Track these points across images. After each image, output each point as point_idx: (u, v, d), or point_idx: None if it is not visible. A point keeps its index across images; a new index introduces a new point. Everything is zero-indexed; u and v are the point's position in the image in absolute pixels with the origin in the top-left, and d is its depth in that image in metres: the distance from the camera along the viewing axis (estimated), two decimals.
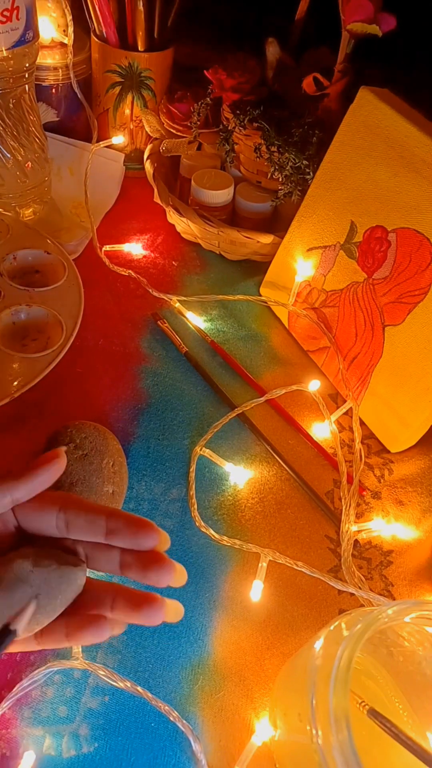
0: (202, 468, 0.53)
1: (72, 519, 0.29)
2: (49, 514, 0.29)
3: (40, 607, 0.28)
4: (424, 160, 0.50)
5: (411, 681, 0.37)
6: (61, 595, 0.28)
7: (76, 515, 0.29)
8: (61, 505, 0.29)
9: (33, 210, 0.67)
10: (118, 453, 0.48)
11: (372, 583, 0.48)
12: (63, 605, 0.28)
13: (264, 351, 0.63)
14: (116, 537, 0.28)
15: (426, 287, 0.51)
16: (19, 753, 0.37)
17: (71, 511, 0.29)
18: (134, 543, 0.28)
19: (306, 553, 0.49)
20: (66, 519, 0.29)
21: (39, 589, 0.27)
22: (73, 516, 0.29)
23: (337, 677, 0.29)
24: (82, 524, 0.28)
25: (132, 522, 0.28)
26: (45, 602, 0.28)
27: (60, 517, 0.29)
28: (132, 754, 0.38)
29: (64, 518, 0.29)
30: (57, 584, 0.28)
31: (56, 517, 0.29)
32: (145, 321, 0.63)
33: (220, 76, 0.66)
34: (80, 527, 0.29)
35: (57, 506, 0.29)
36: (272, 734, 0.38)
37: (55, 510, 0.29)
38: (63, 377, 0.56)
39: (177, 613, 0.29)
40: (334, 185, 0.58)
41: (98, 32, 0.70)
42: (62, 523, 0.29)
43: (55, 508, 0.29)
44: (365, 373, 0.57)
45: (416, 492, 0.54)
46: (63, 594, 0.28)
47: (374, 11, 0.57)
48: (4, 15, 0.52)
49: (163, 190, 0.69)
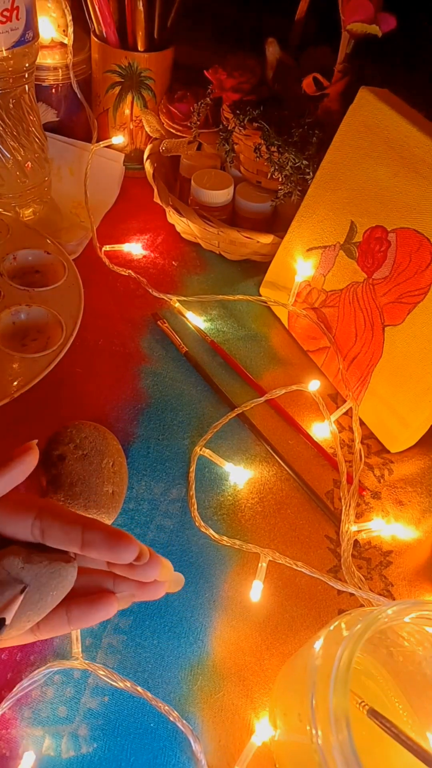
0: (202, 468, 0.53)
1: (47, 528, 0.28)
2: (25, 521, 0.28)
3: (31, 603, 0.28)
4: (424, 160, 0.50)
5: (411, 681, 0.37)
6: (52, 591, 0.28)
7: (51, 524, 0.28)
8: (37, 512, 0.28)
9: (33, 210, 0.67)
10: (118, 453, 0.48)
11: (372, 583, 0.48)
12: (54, 602, 0.29)
13: (264, 351, 0.63)
14: (92, 549, 0.28)
15: (426, 287, 0.51)
16: (18, 753, 0.37)
17: (47, 519, 0.28)
18: (112, 556, 0.28)
19: (306, 553, 0.49)
20: (41, 527, 0.28)
21: (30, 585, 0.27)
22: (48, 525, 0.28)
23: (337, 677, 0.29)
24: (57, 534, 0.28)
25: (110, 535, 0.28)
26: (36, 598, 0.28)
27: (35, 524, 0.28)
28: (132, 755, 0.38)
29: (39, 526, 0.28)
30: (48, 581, 0.28)
31: (32, 524, 0.28)
32: (145, 321, 0.63)
33: (220, 76, 0.66)
34: (56, 537, 0.28)
35: (33, 513, 0.28)
36: (272, 734, 0.38)
37: (31, 517, 0.28)
38: (63, 377, 0.56)
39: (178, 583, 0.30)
40: (334, 185, 0.58)
41: (98, 32, 0.70)
42: (37, 531, 0.28)
43: (31, 514, 0.28)
44: (365, 373, 0.57)
45: (416, 492, 0.54)
46: (54, 590, 0.28)
47: (374, 11, 0.57)
48: (4, 15, 0.52)
49: (163, 190, 0.69)
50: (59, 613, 0.29)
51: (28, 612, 0.28)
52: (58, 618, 0.29)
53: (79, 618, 0.29)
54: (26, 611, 0.28)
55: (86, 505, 0.44)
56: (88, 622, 0.30)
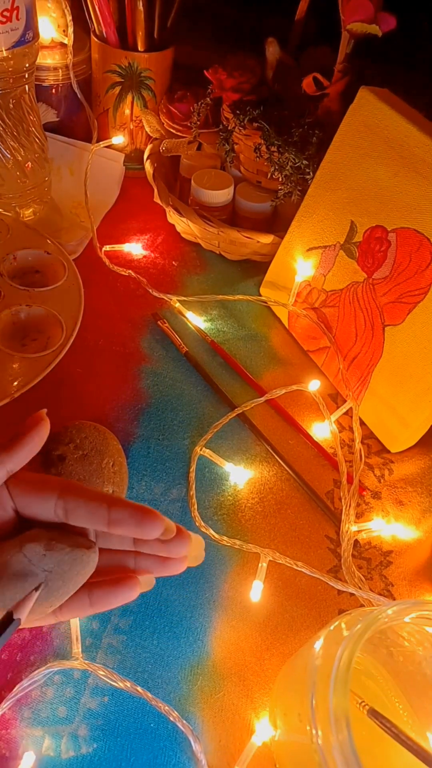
0: (202, 468, 0.53)
1: (72, 507, 0.28)
2: (48, 501, 0.28)
3: (53, 590, 0.27)
4: (424, 160, 0.50)
5: (411, 681, 0.37)
6: (74, 577, 0.28)
7: (75, 503, 0.28)
8: (60, 492, 0.28)
9: (33, 210, 0.67)
10: (118, 453, 0.48)
11: (372, 583, 0.48)
12: (75, 587, 0.28)
13: (264, 351, 0.63)
14: (120, 527, 0.27)
15: (426, 287, 0.51)
16: (18, 753, 0.37)
17: (71, 498, 0.28)
18: (139, 532, 0.28)
19: (306, 553, 0.49)
20: (65, 506, 0.28)
21: (52, 573, 0.27)
22: (72, 504, 0.28)
23: (337, 677, 0.29)
24: (83, 513, 0.28)
25: (136, 511, 0.27)
26: (58, 585, 0.28)
27: (59, 503, 0.28)
28: (132, 755, 0.38)
29: (63, 505, 0.28)
30: (70, 568, 0.28)
31: (55, 504, 0.28)
32: (145, 321, 0.63)
33: (220, 76, 0.66)
34: (81, 516, 0.28)
35: (56, 492, 0.28)
36: (272, 734, 0.38)
37: (54, 496, 0.28)
38: (63, 377, 0.56)
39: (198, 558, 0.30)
40: (334, 185, 0.58)
41: (98, 32, 0.70)
42: (61, 511, 0.28)
43: (54, 494, 0.28)
44: (365, 373, 0.57)
45: (416, 492, 0.54)
46: (76, 576, 0.28)
47: (374, 11, 0.57)
48: (4, 15, 0.52)
49: (163, 190, 0.69)
50: (81, 596, 0.29)
51: (51, 598, 0.28)
52: (79, 601, 0.29)
53: (102, 601, 0.29)
54: (49, 597, 0.28)
55: None
56: (111, 605, 0.29)
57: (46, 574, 0.27)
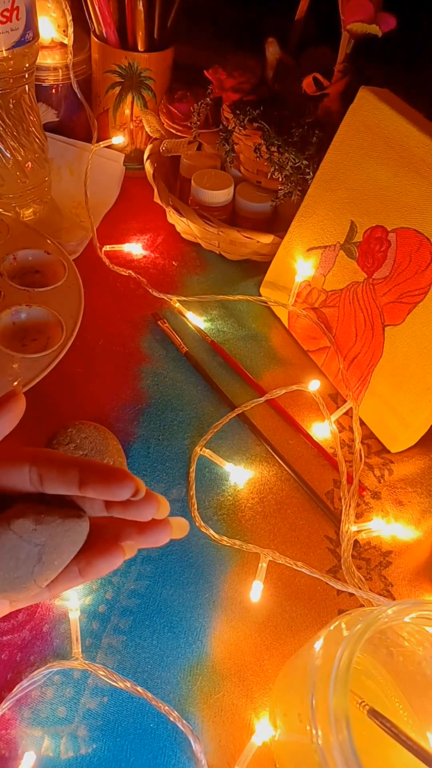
0: (202, 468, 0.53)
1: (44, 472, 0.27)
2: (21, 469, 0.28)
3: (47, 563, 0.27)
4: (424, 160, 0.50)
5: (411, 681, 0.37)
6: (68, 548, 0.28)
7: (48, 468, 0.27)
8: (32, 460, 0.28)
9: (33, 210, 0.67)
10: (118, 453, 0.48)
11: (371, 584, 0.48)
12: (70, 557, 0.28)
13: (264, 351, 0.63)
14: (90, 488, 0.27)
15: (426, 287, 0.51)
16: (18, 754, 0.37)
17: (43, 464, 0.27)
18: (109, 493, 0.27)
19: (306, 553, 0.49)
20: (39, 472, 0.27)
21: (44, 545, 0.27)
22: (45, 469, 0.27)
23: (337, 677, 0.29)
24: (54, 477, 0.27)
25: (105, 472, 0.27)
26: (53, 557, 0.27)
27: (33, 470, 0.27)
28: (132, 755, 0.38)
29: (36, 471, 0.27)
30: (62, 538, 0.27)
31: (29, 471, 0.27)
32: (145, 321, 0.63)
33: (220, 76, 0.66)
34: (54, 480, 0.27)
35: (28, 461, 0.28)
36: (272, 734, 0.38)
37: (27, 464, 0.28)
38: (63, 377, 0.56)
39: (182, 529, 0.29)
40: (334, 185, 0.58)
41: (98, 32, 0.70)
42: (35, 477, 0.27)
43: (26, 462, 0.28)
44: (365, 373, 0.57)
45: (416, 492, 0.54)
46: (70, 547, 0.28)
47: (374, 11, 0.57)
48: (4, 15, 0.52)
49: (163, 190, 0.69)
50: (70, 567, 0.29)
51: (47, 572, 0.27)
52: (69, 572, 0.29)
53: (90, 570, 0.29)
54: (44, 571, 0.27)
55: None
56: (99, 574, 0.29)
57: (40, 548, 0.27)
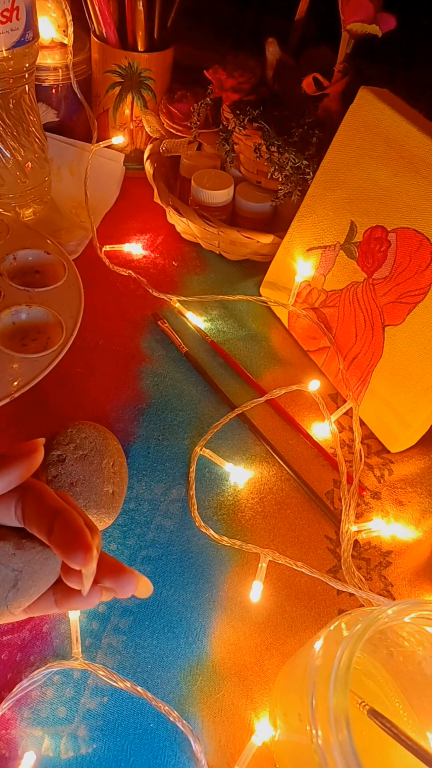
0: (202, 468, 0.53)
1: (27, 513, 0.27)
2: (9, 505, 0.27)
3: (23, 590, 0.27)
4: (424, 160, 0.50)
5: (411, 681, 0.37)
6: (44, 577, 0.28)
7: (30, 509, 0.27)
8: (21, 496, 0.27)
9: (33, 210, 0.67)
10: (118, 453, 0.48)
11: (371, 584, 0.48)
12: (46, 586, 0.28)
13: (264, 351, 0.63)
14: (53, 545, 0.26)
15: (426, 287, 0.51)
16: (18, 754, 0.37)
17: (28, 503, 0.27)
18: (63, 556, 0.26)
19: (306, 553, 0.49)
20: (23, 508, 0.27)
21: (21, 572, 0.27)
22: (28, 509, 0.27)
23: (337, 677, 0.29)
24: (33, 520, 0.27)
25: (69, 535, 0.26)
26: (29, 584, 0.27)
27: (18, 507, 0.27)
28: (132, 755, 0.38)
29: (21, 509, 0.27)
30: (40, 567, 0.27)
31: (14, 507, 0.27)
32: (145, 321, 0.63)
33: (220, 76, 0.66)
34: (31, 523, 0.27)
35: (17, 496, 0.27)
36: (272, 734, 0.38)
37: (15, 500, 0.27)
38: (63, 377, 0.56)
39: (147, 590, 0.29)
40: (334, 185, 0.58)
41: (98, 32, 0.70)
42: (20, 514, 0.27)
43: (14, 498, 0.27)
44: (365, 373, 0.57)
45: (416, 492, 0.54)
46: (46, 576, 0.28)
47: (374, 11, 0.57)
48: (4, 15, 0.52)
49: (163, 190, 0.69)
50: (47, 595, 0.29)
51: (20, 599, 0.27)
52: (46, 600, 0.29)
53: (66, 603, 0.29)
54: (18, 598, 0.27)
55: (86, 505, 0.44)
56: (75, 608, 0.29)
57: (16, 573, 0.27)
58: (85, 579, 0.26)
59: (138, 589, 0.28)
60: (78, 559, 0.25)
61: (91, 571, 0.26)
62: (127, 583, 0.28)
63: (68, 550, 0.25)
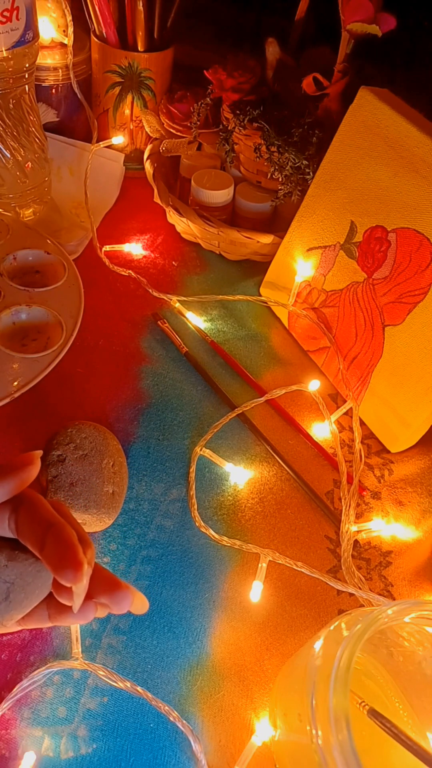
0: (202, 468, 0.53)
1: (20, 525, 0.27)
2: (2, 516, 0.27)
3: (15, 602, 0.27)
4: (424, 160, 0.50)
5: (411, 681, 0.37)
6: (37, 589, 0.27)
7: (23, 522, 0.27)
8: (14, 508, 0.27)
9: (33, 210, 0.67)
10: (118, 453, 0.48)
11: (371, 584, 0.48)
12: (38, 599, 0.28)
13: (264, 351, 0.63)
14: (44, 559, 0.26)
15: (426, 287, 0.51)
16: (18, 754, 0.37)
17: (21, 516, 0.27)
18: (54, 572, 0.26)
19: (306, 553, 0.49)
20: (16, 521, 0.27)
21: (13, 584, 0.27)
22: (21, 522, 0.27)
23: (337, 677, 0.29)
24: (26, 534, 0.27)
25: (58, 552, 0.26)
26: (21, 597, 0.27)
27: (12, 519, 0.27)
28: (132, 755, 0.38)
29: (14, 521, 0.27)
30: (33, 579, 0.27)
31: (8, 519, 0.27)
32: (145, 321, 0.63)
33: (220, 76, 0.66)
34: (24, 536, 0.27)
35: (10, 508, 0.27)
36: (272, 734, 0.38)
37: (8, 512, 0.27)
38: (63, 377, 0.56)
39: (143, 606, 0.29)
40: (334, 185, 0.58)
41: (98, 32, 0.70)
42: (13, 525, 0.27)
43: (8, 510, 0.27)
44: (365, 373, 0.57)
45: (416, 492, 0.54)
46: (39, 588, 0.28)
47: (374, 11, 0.57)
48: (4, 15, 0.52)
49: (163, 190, 0.69)
50: (40, 609, 0.29)
51: (12, 611, 0.27)
52: (39, 614, 0.29)
53: (60, 618, 0.29)
54: (9, 610, 0.27)
55: (86, 505, 0.44)
56: (68, 623, 0.29)
57: (8, 585, 0.26)
58: (76, 596, 0.26)
59: (133, 605, 0.28)
60: (68, 575, 0.25)
61: (81, 588, 0.26)
62: (122, 599, 0.28)
63: (58, 566, 0.25)
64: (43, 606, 0.29)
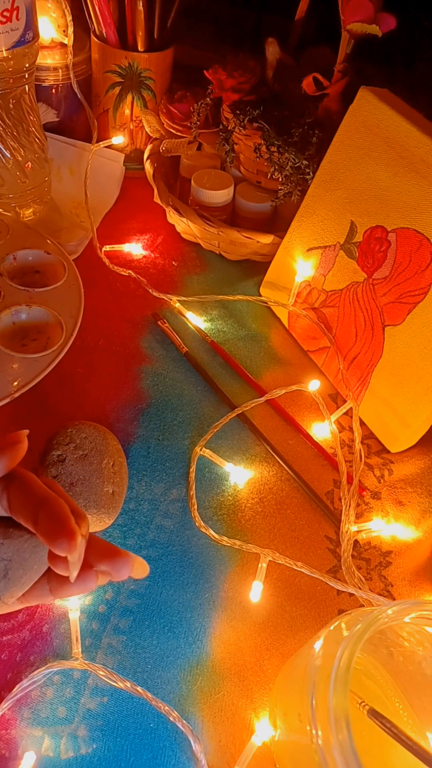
0: (202, 468, 0.53)
1: (12, 501, 0.27)
2: None
3: (14, 579, 0.27)
4: (424, 160, 0.50)
5: (411, 681, 0.37)
6: (35, 565, 0.27)
7: (16, 498, 0.27)
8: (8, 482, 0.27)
9: (33, 210, 0.67)
10: (118, 453, 0.48)
11: (371, 584, 0.48)
12: (37, 575, 0.28)
13: (264, 351, 0.63)
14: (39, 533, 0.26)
15: (426, 287, 0.51)
16: (18, 754, 0.37)
17: (14, 493, 0.27)
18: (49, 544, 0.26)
19: (306, 553, 0.49)
20: (8, 497, 0.27)
21: (11, 561, 0.27)
22: (14, 498, 0.27)
23: (337, 677, 0.29)
24: (18, 509, 0.27)
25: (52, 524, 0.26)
26: (19, 574, 0.27)
27: (4, 497, 0.27)
28: (132, 755, 0.38)
29: (7, 498, 0.27)
30: (30, 555, 0.27)
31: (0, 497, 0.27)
32: (145, 321, 0.63)
33: (220, 76, 0.66)
34: (17, 512, 0.27)
35: (3, 484, 0.27)
36: (272, 734, 0.38)
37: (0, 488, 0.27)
38: (63, 377, 0.56)
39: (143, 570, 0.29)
40: (334, 185, 0.58)
41: (98, 32, 0.70)
42: (5, 502, 0.27)
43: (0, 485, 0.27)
44: (365, 373, 0.57)
45: (416, 492, 0.54)
46: (37, 564, 0.27)
47: (374, 11, 0.57)
48: (4, 15, 0.52)
49: (163, 190, 0.69)
50: (41, 584, 0.29)
51: (12, 588, 0.27)
52: (41, 588, 0.29)
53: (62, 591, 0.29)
54: (9, 587, 0.27)
55: (86, 505, 0.44)
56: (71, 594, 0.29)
57: (6, 563, 0.26)
58: (72, 565, 0.26)
59: (134, 570, 0.28)
60: (62, 545, 0.25)
61: (77, 557, 0.26)
62: (123, 565, 0.28)
63: (52, 537, 0.25)
64: (43, 581, 0.29)
